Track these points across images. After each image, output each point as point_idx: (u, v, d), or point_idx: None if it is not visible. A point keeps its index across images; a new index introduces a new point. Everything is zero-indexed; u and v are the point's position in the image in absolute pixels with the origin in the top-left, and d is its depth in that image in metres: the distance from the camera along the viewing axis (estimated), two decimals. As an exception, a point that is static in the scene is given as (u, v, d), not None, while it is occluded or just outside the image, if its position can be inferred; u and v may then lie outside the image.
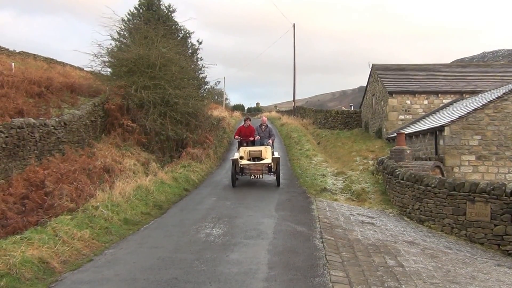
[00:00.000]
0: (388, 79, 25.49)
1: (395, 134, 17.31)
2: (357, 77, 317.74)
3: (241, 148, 14.08)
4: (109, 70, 20.38)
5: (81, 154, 14.05)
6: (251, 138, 14.64)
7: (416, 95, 23.73)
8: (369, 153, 21.29)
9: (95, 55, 19.39)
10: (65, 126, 14.18)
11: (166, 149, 18.50)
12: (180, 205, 11.47)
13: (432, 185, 10.90)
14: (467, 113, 16.49)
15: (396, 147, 15.45)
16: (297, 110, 43.44)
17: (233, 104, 64.52)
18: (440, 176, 13.23)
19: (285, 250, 6.96)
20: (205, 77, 25.83)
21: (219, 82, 32.28)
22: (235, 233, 8.17)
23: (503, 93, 16.59)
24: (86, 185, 11.03)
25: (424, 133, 18.27)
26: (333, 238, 7.80)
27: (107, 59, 19.91)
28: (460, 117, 16.42)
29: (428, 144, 17.81)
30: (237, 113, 45.87)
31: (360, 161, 19.82)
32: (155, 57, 18.73)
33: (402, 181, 12.36)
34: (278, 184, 13.80)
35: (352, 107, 43.78)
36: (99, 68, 20.07)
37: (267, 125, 15.18)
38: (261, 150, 13.76)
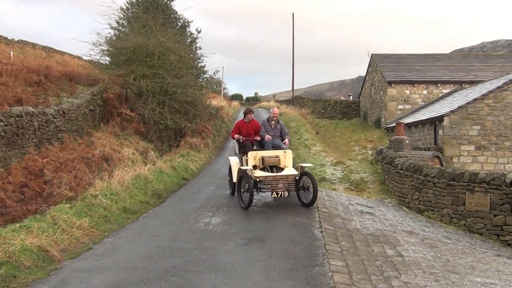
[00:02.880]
0: (387, 68, 25.40)
1: (394, 124, 17.29)
2: (356, 67, 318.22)
3: (250, 153, 9.62)
4: (108, 59, 20.32)
5: (79, 143, 14.02)
6: (258, 138, 10.38)
7: (415, 85, 23.68)
8: (368, 142, 21.29)
9: (93, 44, 19.32)
10: (63, 115, 14.13)
11: (165, 138, 18.50)
12: (179, 194, 11.47)
13: (432, 175, 10.90)
14: (467, 103, 16.46)
15: (395, 137, 15.43)
16: (295, 99, 43.35)
17: (231, 94, 64.46)
18: (439, 166, 13.23)
19: (284, 239, 6.95)
20: (203, 66, 25.85)
21: (218, 71, 32.37)
22: (234, 222, 8.17)
23: (503, 83, 16.54)
24: (85, 173, 11.03)
25: (423, 123, 18.24)
26: (332, 228, 7.80)
27: (106, 48, 19.83)
28: (459, 107, 16.39)
29: (427, 134, 17.79)
30: (235, 103, 45.75)
31: (359, 150, 19.82)
32: (153, 46, 18.62)
33: (401, 171, 12.35)
34: (313, 203, 9.23)
35: (351, 97, 43.72)
36: (98, 57, 20.05)
37: (278, 119, 10.79)
38: (279, 156, 9.70)
